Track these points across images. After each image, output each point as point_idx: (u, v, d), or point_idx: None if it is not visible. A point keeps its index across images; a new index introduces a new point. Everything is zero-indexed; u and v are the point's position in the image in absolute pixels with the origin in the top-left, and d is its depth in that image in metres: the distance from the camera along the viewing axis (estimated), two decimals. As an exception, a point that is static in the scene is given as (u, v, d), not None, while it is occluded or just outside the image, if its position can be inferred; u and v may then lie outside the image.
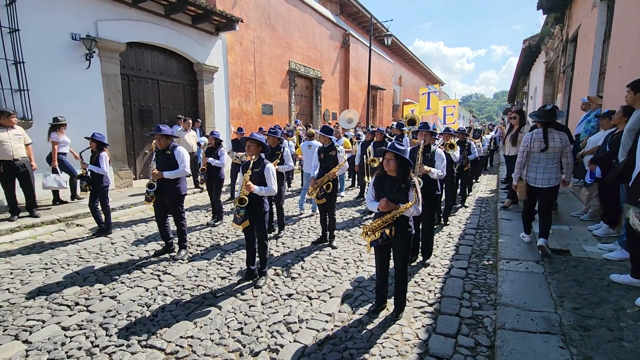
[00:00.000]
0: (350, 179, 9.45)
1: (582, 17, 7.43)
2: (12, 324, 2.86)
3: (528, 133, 4.05)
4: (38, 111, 6.08)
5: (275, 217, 5.35)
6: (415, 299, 3.28)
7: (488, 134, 12.99)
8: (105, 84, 7.25)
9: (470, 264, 4.08)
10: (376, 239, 2.81)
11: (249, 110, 11.53)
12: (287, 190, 8.29)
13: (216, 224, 5.66)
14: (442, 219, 5.73)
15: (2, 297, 3.30)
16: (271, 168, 3.55)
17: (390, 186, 2.82)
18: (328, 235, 4.83)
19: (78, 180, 5.13)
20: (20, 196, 5.36)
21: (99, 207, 5.00)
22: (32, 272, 3.85)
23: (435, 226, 5.04)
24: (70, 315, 3.00)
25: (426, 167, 3.77)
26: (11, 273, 3.83)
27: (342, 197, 7.83)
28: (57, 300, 3.26)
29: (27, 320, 2.92)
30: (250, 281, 3.65)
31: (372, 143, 6.92)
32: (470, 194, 8.03)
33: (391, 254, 2.99)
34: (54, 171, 5.94)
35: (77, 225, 5.54)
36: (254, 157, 3.56)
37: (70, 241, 4.85)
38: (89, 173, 4.81)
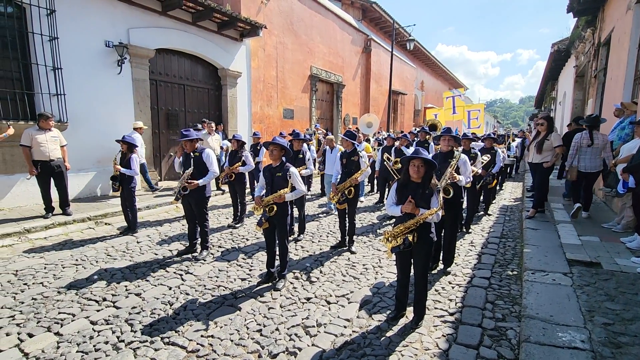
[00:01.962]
0: (370, 185, 9.40)
1: (615, 20, 7.13)
2: (45, 316, 3.01)
3: (579, 133, 5.41)
4: (73, 114, 6.41)
5: (292, 220, 5.39)
6: (436, 308, 3.22)
7: (513, 140, 12.63)
8: (135, 88, 7.56)
9: (493, 274, 3.97)
10: (398, 245, 2.78)
11: (271, 114, 11.70)
12: (307, 194, 8.33)
13: (237, 225, 5.76)
14: (464, 227, 5.58)
15: (36, 290, 3.49)
16: (295, 172, 3.60)
17: (413, 192, 2.79)
18: (347, 240, 4.78)
19: (111, 181, 5.36)
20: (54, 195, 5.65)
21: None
22: (63, 268, 4.05)
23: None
24: (98, 310, 3.13)
25: (457, 175, 3.66)
26: (45, 268, 4.03)
27: (362, 202, 7.79)
28: (86, 295, 3.40)
29: (59, 313, 3.07)
30: (270, 284, 3.69)
31: (393, 149, 6.97)
32: (494, 201, 7.79)
33: (412, 260, 2.95)
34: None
35: (106, 223, 5.78)
36: (276, 162, 3.62)
37: (99, 239, 5.06)
38: (119, 173, 5.03)
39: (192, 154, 4.29)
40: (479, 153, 5.09)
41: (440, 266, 4.10)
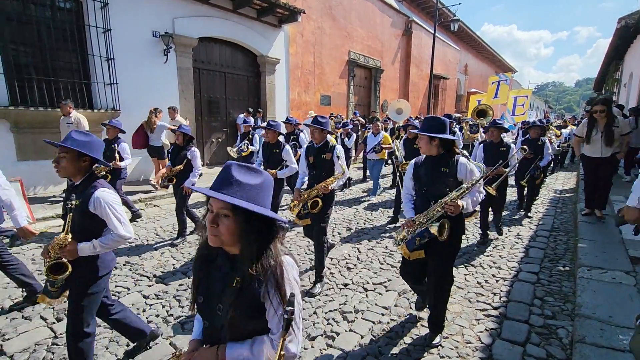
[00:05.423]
0: (393, 177, 8.37)
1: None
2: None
3: None
4: (124, 102, 6.81)
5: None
6: (478, 301, 3.10)
7: (566, 127, 11.64)
8: (180, 77, 7.86)
9: (542, 269, 3.74)
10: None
11: (308, 100, 11.69)
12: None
13: (176, 242, 4.49)
14: (496, 231, 4.71)
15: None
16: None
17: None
18: (315, 273, 3.38)
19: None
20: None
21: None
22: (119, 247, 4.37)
23: (484, 241, 4.46)
24: (149, 286, 3.36)
25: (460, 201, 2.35)
26: (103, 244, 4.38)
27: (372, 201, 6.73)
28: (139, 271, 3.66)
29: (116, 286, 3.33)
30: (309, 269, 3.74)
31: (402, 140, 5.46)
32: (537, 197, 6.60)
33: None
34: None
35: (155, 205, 6.15)
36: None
37: (149, 219, 5.41)
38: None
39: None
40: (512, 146, 4.33)
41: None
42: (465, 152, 2.38)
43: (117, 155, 4.72)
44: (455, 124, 9.30)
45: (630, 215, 2.05)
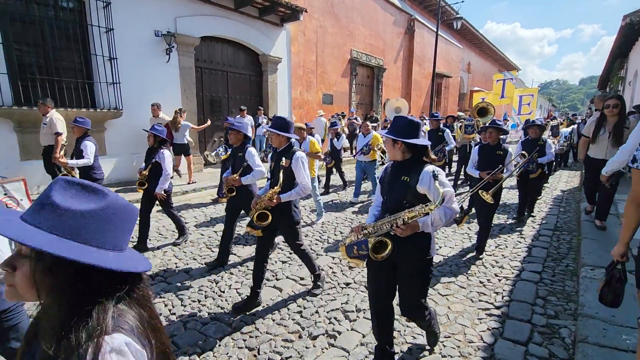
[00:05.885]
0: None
1: None
2: (107, 287, 3.30)
3: None
4: (127, 102, 6.83)
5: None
6: (481, 300, 3.10)
7: (568, 126, 11.55)
8: (182, 76, 7.87)
9: (545, 268, 3.72)
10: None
11: (310, 99, 11.68)
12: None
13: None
14: (476, 251, 4.08)
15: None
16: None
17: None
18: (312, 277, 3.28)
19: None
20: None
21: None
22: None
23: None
24: (152, 285, 3.38)
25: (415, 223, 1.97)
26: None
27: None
28: (141, 270, 3.68)
29: (119, 285, 3.35)
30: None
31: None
32: (540, 197, 6.41)
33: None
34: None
35: (157, 204, 6.15)
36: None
37: (152, 218, 5.41)
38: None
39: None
40: (510, 151, 3.97)
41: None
42: (439, 169, 1.93)
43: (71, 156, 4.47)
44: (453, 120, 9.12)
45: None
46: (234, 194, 3.64)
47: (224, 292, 3.25)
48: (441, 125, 7.01)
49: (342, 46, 12.68)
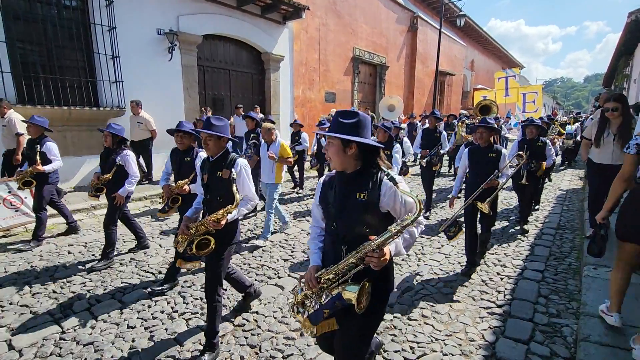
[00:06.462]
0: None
1: None
2: (110, 285, 3.33)
3: None
4: (128, 100, 6.84)
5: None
6: (482, 299, 3.09)
7: (573, 124, 11.47)
8: (184, 74, 7.88)
9: (547, 267, 3.71)
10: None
11: (313, 98, 11.67)
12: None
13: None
14: (466, 266, 3.61)
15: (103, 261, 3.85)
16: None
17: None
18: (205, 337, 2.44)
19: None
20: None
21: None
22: (124, 242, 4.42)
23: (469, 272, 3.56)
24: (154, 282, 3.40)
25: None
26: (109, 241, 4.43)
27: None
28: (144, 267, 3.70)
29: (122, 282, 3.37)
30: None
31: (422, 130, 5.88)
32: (537, 207, 5.89)
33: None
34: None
35: (159, 202, 6.19)
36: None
37: (153, 217, 5.45)
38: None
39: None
40: (504, 152, 3.54)
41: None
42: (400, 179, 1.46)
43: (38, 158, 3.97)
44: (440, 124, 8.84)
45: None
46: (179, 203, 3.23)
47: (225, 289, 3.27)
48: (440, 127, 6.62)
49: (345, 44, 12.64)
